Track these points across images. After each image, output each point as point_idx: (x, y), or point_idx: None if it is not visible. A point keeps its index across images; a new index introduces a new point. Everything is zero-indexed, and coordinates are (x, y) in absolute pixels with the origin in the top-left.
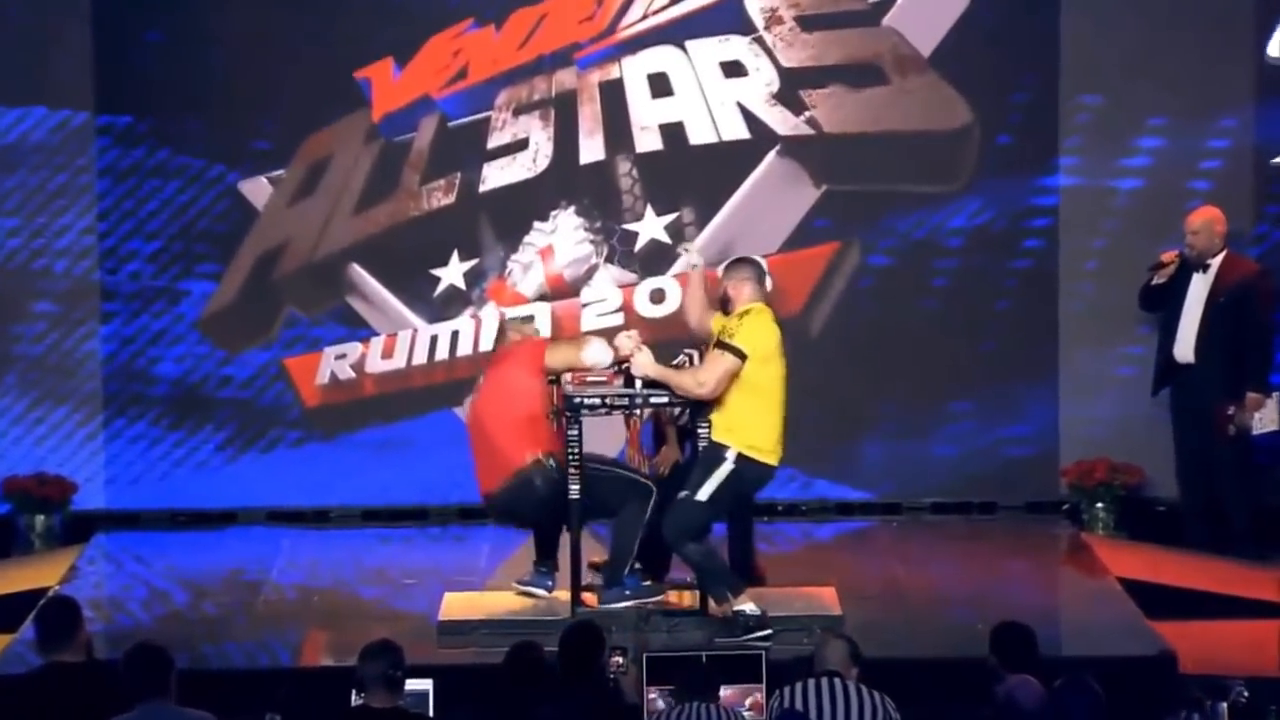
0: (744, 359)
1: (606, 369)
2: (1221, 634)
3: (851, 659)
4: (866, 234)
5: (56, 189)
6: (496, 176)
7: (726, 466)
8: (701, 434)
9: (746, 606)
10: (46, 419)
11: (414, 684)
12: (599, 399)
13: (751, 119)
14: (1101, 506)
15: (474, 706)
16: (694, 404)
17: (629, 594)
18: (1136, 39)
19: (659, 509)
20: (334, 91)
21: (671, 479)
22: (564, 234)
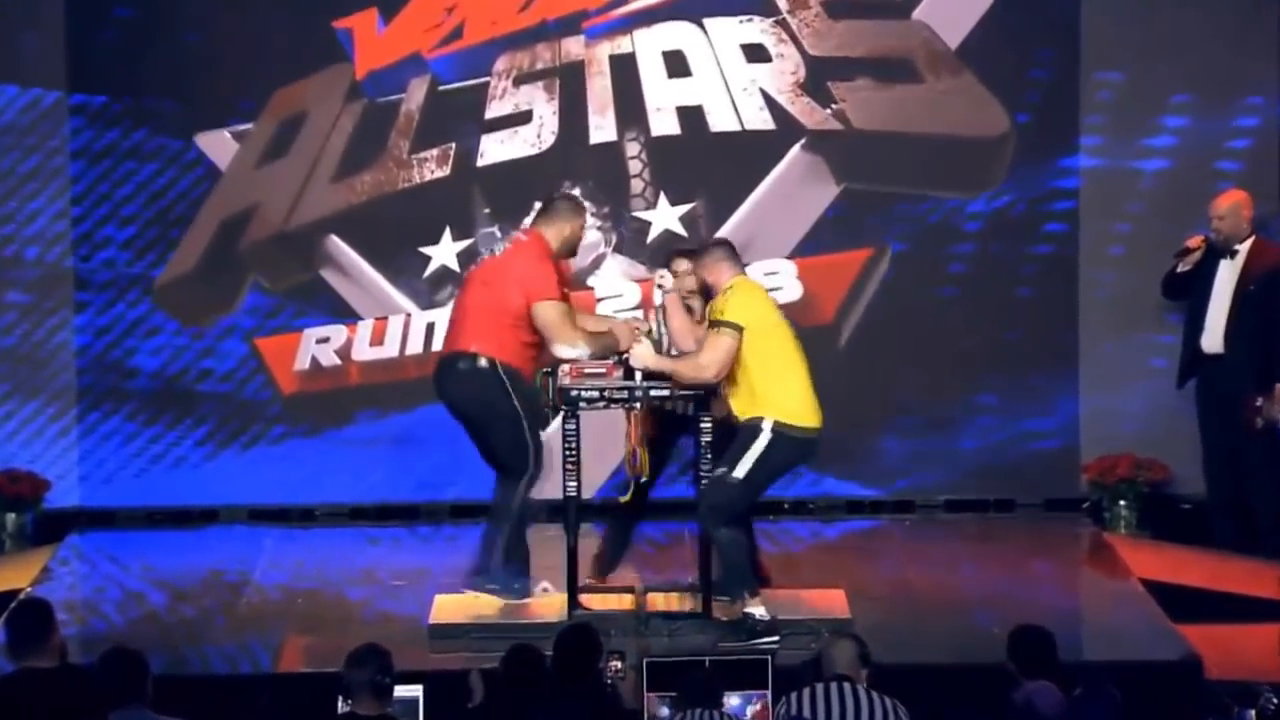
0: (740, 331)
1: (605, 360)
2: (1249, 638)
3: (860, 660)
4: (885, 231)
5: (27, 172)
6: (496, 150)
7: (764, 439)
8: (704, 426)
9: (757, 610)
10: (17, 413)
11: (403, 690)
12: (597, 392)
13: (776, 108)
14: (1124, 504)
15: (464, 713)
16: (698, 395)
17: (496, 587)
18: (1159, 13)
19: (529, 487)
20: (309, 40)
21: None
22: None
